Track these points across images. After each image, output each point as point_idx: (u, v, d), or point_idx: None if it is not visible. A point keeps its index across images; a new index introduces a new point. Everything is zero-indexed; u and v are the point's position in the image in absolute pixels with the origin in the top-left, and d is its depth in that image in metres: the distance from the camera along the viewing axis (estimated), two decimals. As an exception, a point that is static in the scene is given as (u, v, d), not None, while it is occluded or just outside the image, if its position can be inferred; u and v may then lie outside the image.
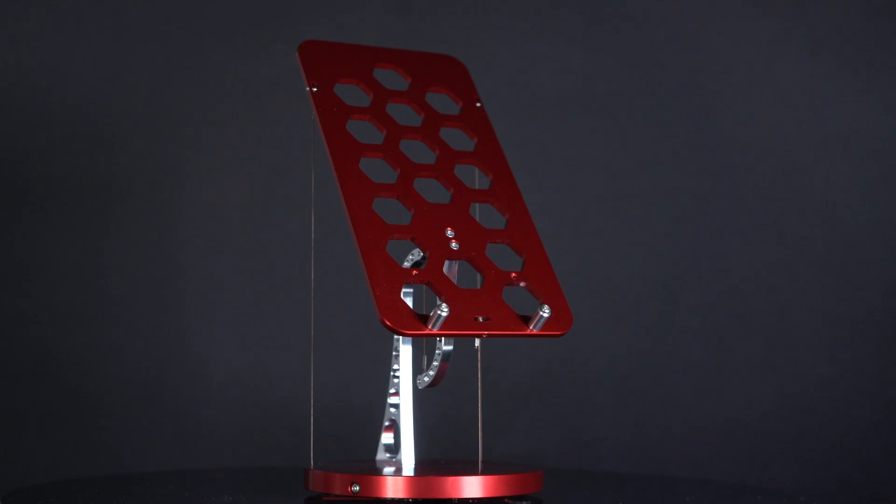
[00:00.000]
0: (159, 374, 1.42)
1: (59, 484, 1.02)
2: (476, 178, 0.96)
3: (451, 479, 0.86)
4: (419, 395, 0.93)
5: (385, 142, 0.94)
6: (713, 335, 1.44)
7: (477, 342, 0.94)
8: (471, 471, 0.89)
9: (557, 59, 1.46)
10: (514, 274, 0.89)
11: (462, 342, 0.94)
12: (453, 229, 0.90)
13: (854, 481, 1.41)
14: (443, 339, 0.90)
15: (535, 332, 0.86)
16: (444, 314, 0.83)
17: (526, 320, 0.87)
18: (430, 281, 0.87)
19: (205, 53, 1.45)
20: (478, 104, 1.00)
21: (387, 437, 0.96)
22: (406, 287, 0.90)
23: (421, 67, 1.01)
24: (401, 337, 0.93)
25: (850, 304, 1.42)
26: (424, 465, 0.93)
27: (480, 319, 0.86)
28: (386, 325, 0.83)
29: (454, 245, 0.89)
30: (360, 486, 0.87)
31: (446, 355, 0.91)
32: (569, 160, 1.45)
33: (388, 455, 0.95)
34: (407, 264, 0.91)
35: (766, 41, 1.46)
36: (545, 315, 0.86)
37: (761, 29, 1.46)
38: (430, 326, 0.84)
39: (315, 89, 0.96)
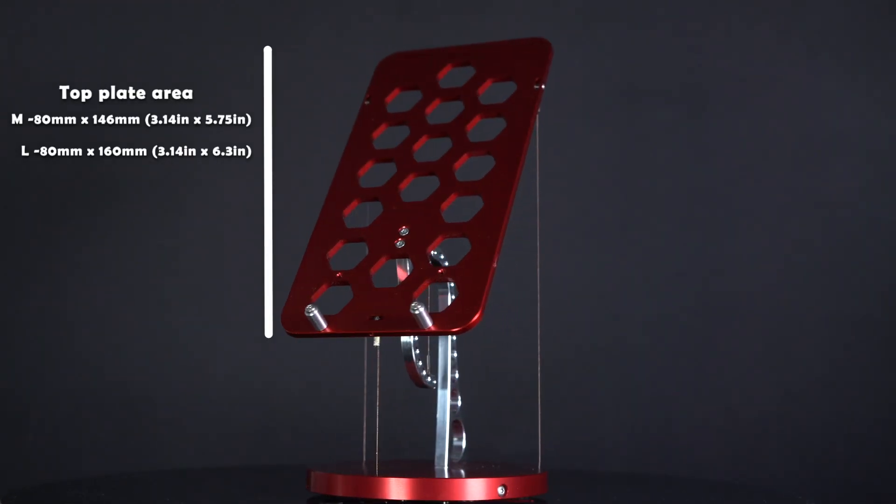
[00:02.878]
0: (159, 374, 1.42)
1: (60, 484, 1.02)
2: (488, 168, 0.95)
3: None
4: (477, 397, 0.92)
5: (402, 144, 0.94)
6: (713, 335, 1.43)
7: (376, 341, 0.91)
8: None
9: (558, 59, 1.45)
10: (441, 270, 0.87)
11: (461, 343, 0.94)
12: (410, 227, 0.90)
13: (854, 481, 1.41)
14: (401, 337, 0.90)
15: (431, 329, 0.84)
16: (309, 315, 0.86)
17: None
18: (346, 281, 0.88)
19: (206, 55, 1.44)
20: (535, 86, 0.95)
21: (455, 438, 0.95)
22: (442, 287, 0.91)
23: (496, 58, 0.98)
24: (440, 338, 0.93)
25: (850, 304, 1.42)
26: (455, 465, 0.92)
27: (377, 318, 0.86)
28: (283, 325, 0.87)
29: (399, 244, 0.89)
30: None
31: (404, 354, 0.90)
32: (569, 160, 1.45)
33: (454, 456, 0.94)
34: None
35: (766, 41, 1.46)
36: (415, 313, 0.84)
37: (761, 29, 1.46)
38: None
39: (367, 102, 0.96)
